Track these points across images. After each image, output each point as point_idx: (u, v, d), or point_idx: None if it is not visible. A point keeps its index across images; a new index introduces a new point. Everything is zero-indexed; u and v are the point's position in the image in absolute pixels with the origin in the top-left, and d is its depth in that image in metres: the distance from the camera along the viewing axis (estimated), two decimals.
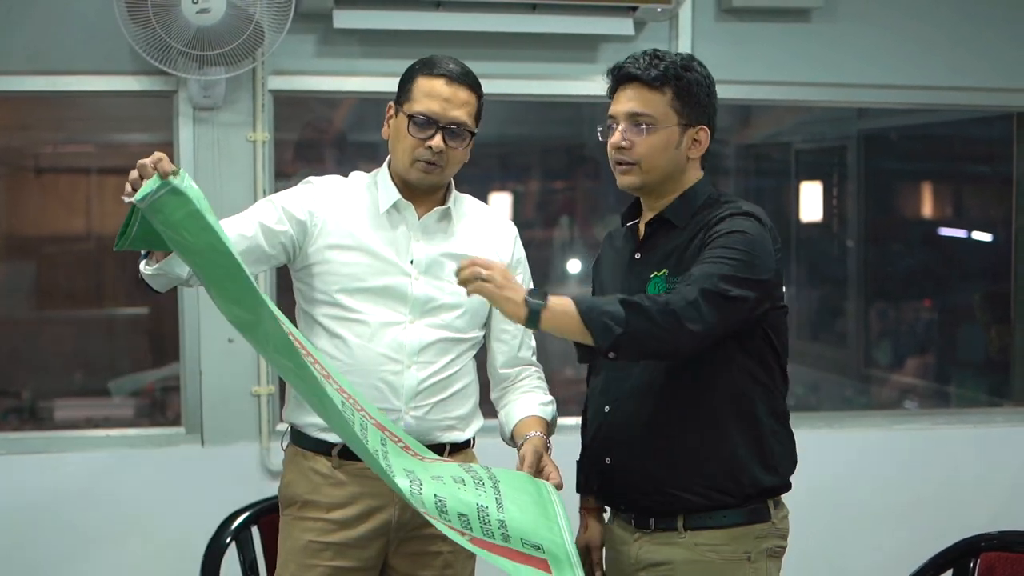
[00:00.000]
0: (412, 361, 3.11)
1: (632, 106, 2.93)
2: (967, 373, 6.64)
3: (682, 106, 2.92)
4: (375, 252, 3.11)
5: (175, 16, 4.05)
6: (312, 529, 3.12)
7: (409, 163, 3.11)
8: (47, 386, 6.60)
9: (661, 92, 2.91)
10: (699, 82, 2.94)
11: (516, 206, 7.66)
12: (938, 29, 5.00)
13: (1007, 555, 3.34)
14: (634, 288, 2.93)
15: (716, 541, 2.89)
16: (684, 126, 2.93)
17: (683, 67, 2.92)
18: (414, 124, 3.08)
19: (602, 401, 3.03)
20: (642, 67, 2.91)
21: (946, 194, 7.69)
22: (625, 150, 2.94)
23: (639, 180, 2.96)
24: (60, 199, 7.27)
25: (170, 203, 2.51)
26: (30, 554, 4.45)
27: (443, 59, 3.14)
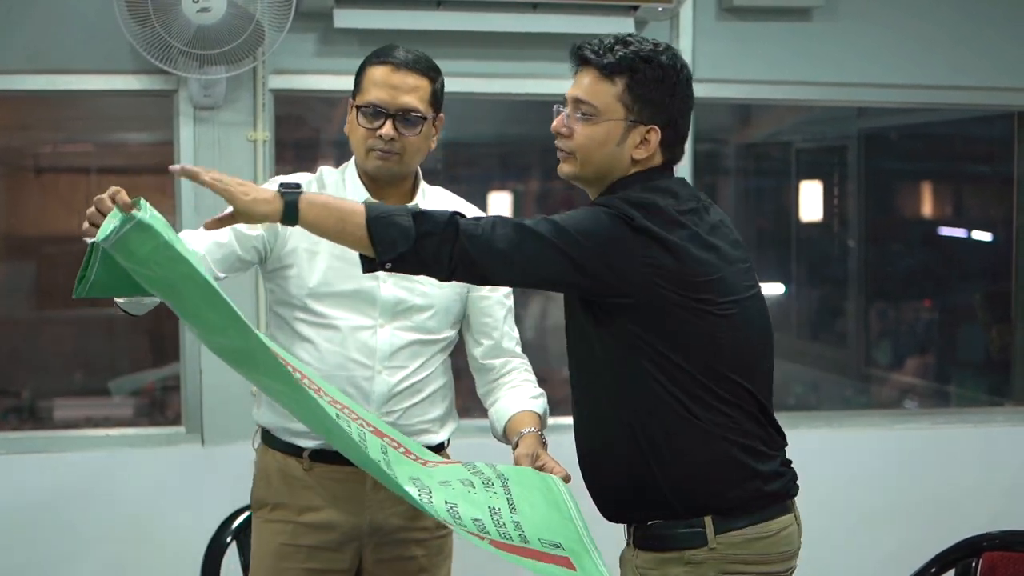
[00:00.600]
0: (383, 366, 3.06)
1: (578, 91, 2.69)
2: (967, 373, 6.64)
3: (632, 101, 2.65)
4: (343, 255, 2.98)
5: (175, 15, 4.05)
6: (284, 532, 3.08)
7: (364, 154, 3.05)
8: (47, 386, 6.60)
9: (611, 82, 2.65)
10: (659, 79, 2.66)
11: (516, 205, 7.66)
12: (939, 28, 5.00)
13: (1009, 555, 3.34)
14: None
15: (651, 565, 2.66)
16: (632, 122, 2.66)
17: (644, 59, 2.65)
18: (363, 114, 3.02)
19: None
20: (598, 51, 2.67)
21: (947, 194, 7.69)
22: (563, 137, 2.72)
23: (573, 171, 2.73)
24: (60, 199, 7.26)
25: (135, 239, 2.31)
26: (30, 554, 4.45)
27: (393, 47, 3.07)
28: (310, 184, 3.10)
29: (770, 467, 2.69)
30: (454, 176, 7.28)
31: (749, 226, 7.23)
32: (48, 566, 4.47)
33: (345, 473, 3.02)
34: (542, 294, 7.05)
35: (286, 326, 3.09)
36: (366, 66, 3.06)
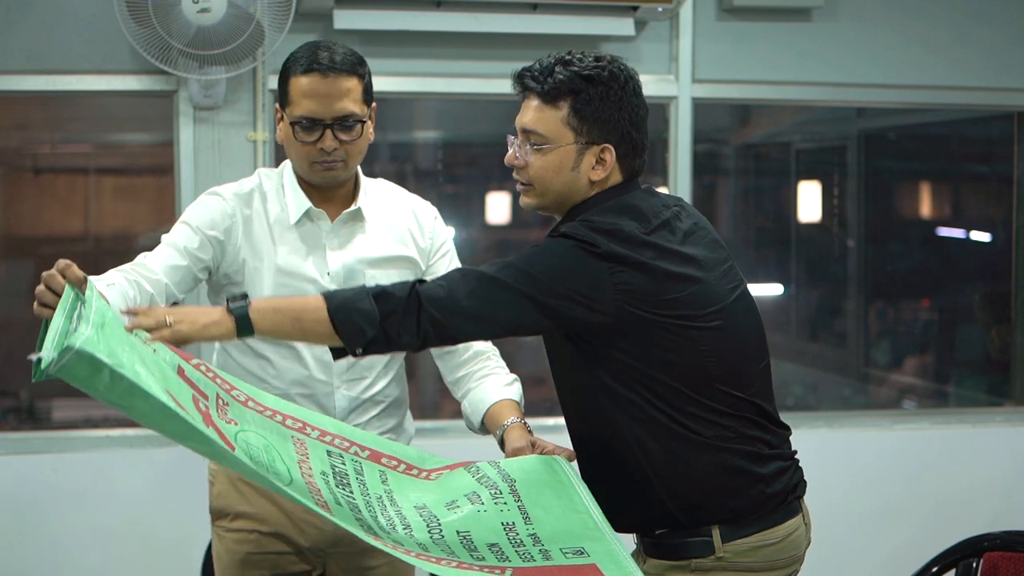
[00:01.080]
0: (341, 381, 3.00)
1: (525, 121, 2.63)
2: (966, 373, 6.64)
3: (580, 123, 2.59)
4: (291, 270, 2.94)
5: (175, 15, 4.05)
6: (248, 541, 3.02)
7: (308, 168, 2.93)
8: (45, 386, 6.58)
9: (556, 107, 2.59)
10: (603, 96, 2.59)
11: (514, 205, 7.66)
12: (938, 29, 5.00)
13: (1011, 555, 3.33)
14: None
15: (659, 571, 2.65)
16: (584, 144, 2.60)
17: (585, 78, 2.58)
18: (300, 129, 2.89)
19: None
20: (537, 77, 2.61)
21: (946, 194, 7.69)
22: (519, 169, 2.67)
23: (535, 202, 2.69)
24: (59, 199, 7.26)
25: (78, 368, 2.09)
26: (28, 554, 4.45)
27: (313, 49, 2.91)
28: (251, 194, 2.99)
29: (773, 467, 2.66)
30: (453, 176, 7.29)
31: (748, 226, 7.23)
32: (46, 566, 4.47)
33: None
34: None
35: (240, 343, 2.97)
36: (290, 75, 2.91)
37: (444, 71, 4.68)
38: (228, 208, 2.97)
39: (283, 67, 2.95)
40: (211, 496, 3.11)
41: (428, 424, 4.92)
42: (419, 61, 4.65)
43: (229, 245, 2.95)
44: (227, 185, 3.04)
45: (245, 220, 2.97)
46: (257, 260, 2.95)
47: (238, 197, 2.99)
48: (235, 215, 2.96)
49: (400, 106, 6.68)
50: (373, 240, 3.04)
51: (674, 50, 4.78)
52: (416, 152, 7.14)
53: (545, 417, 4.98)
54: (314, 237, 2.99)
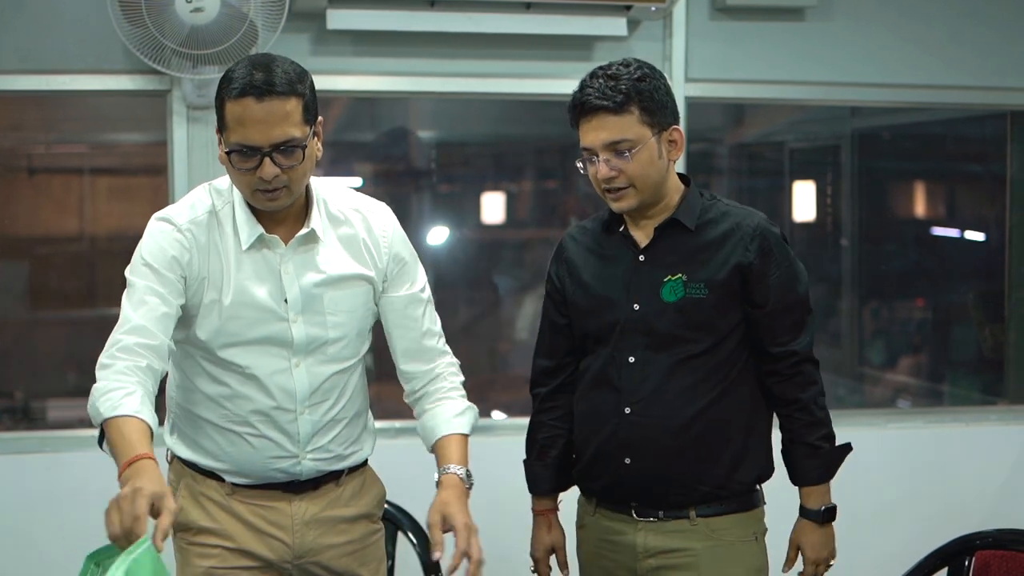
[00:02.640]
0: (304, 407, 2.89)
1: (607, 136, 2.94)
2: (960, 372, 6.66)
3: (649, 117, 2.94)
4: (247, 302, 2.82)
5: (169, 15, 4.05)
6: (212, 555, 2.94)
7: (250, 195, 2.77)
8: (41, 386, 6.60)
9: (628, 112, 2.93)
10: (657, 87, 2.96)
11: (509, 205, 7.67)
12: (932, 28, 5.00)
13: (1002, 553, 3.34)
14: (644, 290, 3.02)
15: (729, 525, 3.04)
16: (658, 133, 2.96)
17: (637, 79, 2.94)
18: (236, 157, 2.70)
19: (618, 402, 3.04)
20: (603, 95, 2.94)
21: (940, 193, 7.70)
22: (615, 179, 2.96)
23: (636, 201, 2.99)
24: (53, 199, 7.26)
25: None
26: (24, 554, 4.44)
27: (248, 69, 2.71)
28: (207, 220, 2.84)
29: None
30: (448, 176, 7.29)
31: None
32: (43, 566, 4.46)
33: (269, 499, 2.94)
34: (537, 293, 7.06)
35: (197, 366, 2.90)
36: (225, 99, 2.71)
37: (438, 71, 4.68)
38: (185, 242, 2.81)
39: (218, 87, 2.76)
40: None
41: None
42: (412, 60, 4.64)
43: (190, 281, 2.81)
44: (181, 208, 2.88)
45: (201, 251, 2.82)
46: (215, 292, 2.82)
47: (195, 226, 2.83)
48: (192, 248, 2.81)
49: (394, 106, 6.69)
50: (329, 260, 2.90)
51: (667, 49, 4.78)
52: (410, 152, 7.15)
53: None
54: (268, 263, 2.84)
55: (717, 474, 3.02)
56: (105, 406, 2.59)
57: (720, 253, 3.00)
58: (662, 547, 3.04)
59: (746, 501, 3.08)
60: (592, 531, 3.18)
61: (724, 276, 2.98)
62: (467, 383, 3.12)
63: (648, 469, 3.02)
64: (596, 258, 3.13)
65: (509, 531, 4.69)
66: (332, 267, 2.89)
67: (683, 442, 3.00)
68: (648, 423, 3.01)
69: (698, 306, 2.98)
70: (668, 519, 3.05)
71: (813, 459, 3.12)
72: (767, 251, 3.00)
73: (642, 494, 3.05)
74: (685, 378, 3.00)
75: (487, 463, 4.75)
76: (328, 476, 2.99)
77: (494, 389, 6.75)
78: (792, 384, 3.06)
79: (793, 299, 3.04)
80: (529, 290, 7.06)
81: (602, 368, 3.08)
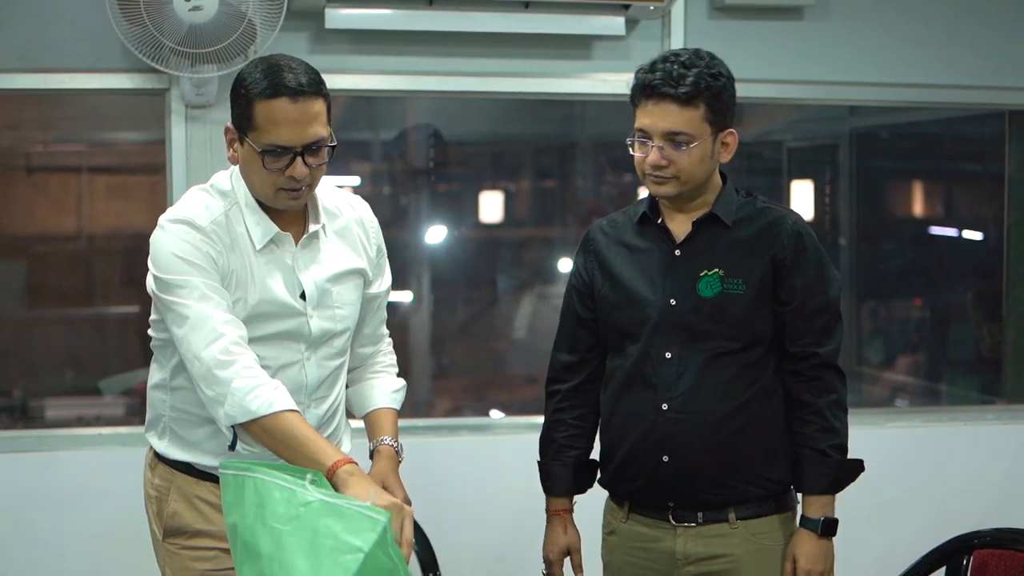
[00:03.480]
0: (311, 399, 2.94)
1: (667, 125, 2.92)
2: (958, 371, 6.66)
3: (713, 115, 2.94)
4: (270, 299, 2.85)
5: (167, 14, 4.05)
6: (206, 558, 2.94)
7: (272, 195, 2.80)
8: (38, 385, 6.60)
9: (695, 107, 2.91)
10: (726, 87, 2.96)
11: (507, 204, 7.67)
12: (930, 27, 5.00)
13: (1000, 552, 3.34)
14: (679, 285, 3.01)
15: (768, 528, 3.06)
16: (715, 133, 2.96)
17: (712, 76, 2.93)
18: (269, 157, 2.73)
19: (653, 399, 3.02)
20: (674, 83, 2.90)
21: (938, 192, 7.71)
22: (664, 168, 2.95)
23: (676, 190, 2.98)
24: (51, 198, 7.26)
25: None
26: (21, 553, 4.44)
27: (274, 70, 2.74)
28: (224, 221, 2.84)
29: None
30: (445, 175, 7.29)
31: None
32: (40, 565, 4.46)
33: None
34: (534, 295, 7.06)
35: None
36: (255, 99, 2.72)
37: (436, 70, 4.68)
38: (213, 243, 2.82)
39: (240, 88, 2.76)
40: (163, 515, 2.99)
41: (420, 423, 4.93)
42: (411, 59, 4.63)
43: (223, 281, 2.83)
44: (195, 210, 2.85)
45: (226, 250, 2.83)
46: (240, 291, 2.84)
47: (217, 227, 2.83)
48: (220, 249, 2.82)
49: (392, 104, 6.69)
50: (333, 256, 2.96)
51: (665, 49, 4.76)
52: (408, 150, 7.15)
53: (537, 416, 4.99)
54: (280, 260, 2.88)
55: (754, 471, 3.02)
56: (257, 403, 2.65)
57: (756, 249, 3.00)
58: (703, 553, 3.02)
59: (782, 502, 3.10)
60: (624, 537, 3.14)
61: (761, 273, 2.98)
62: (465, 382, 3.15)
63: (687, 467, 3.00)
64: (627, 251, 3.11)
65: (506, 530, 4.70)
66: (336, 261, 2.95)
67: (721, 438, 2.99)
68: (687, 419, 2.99)
69: (735, 302, 2.98)
70: (707, 523, 3.02)
71: (821, 467, 3.08)
72: (801, 249, 3.00)
73: (680, 494, 3.02)
74: (721, 374, 2.99)
75: (485, 462, 4.78)
76: None
77: (492, 388, 6.75)
78: (809, 387, 3.06)
79: (822, 302, 3.06)
80: (527, 289, 7.07)
81: (636, 365, 3.05)
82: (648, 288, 3.03)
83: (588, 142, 7.27)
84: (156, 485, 3.00)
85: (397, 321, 3.44)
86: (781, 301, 3.02)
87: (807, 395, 3.05)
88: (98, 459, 4.55)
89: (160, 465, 3.01)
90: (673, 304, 3.00)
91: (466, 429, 4.95)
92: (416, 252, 6.95)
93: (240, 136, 2.79)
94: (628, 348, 3.06)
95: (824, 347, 3.07)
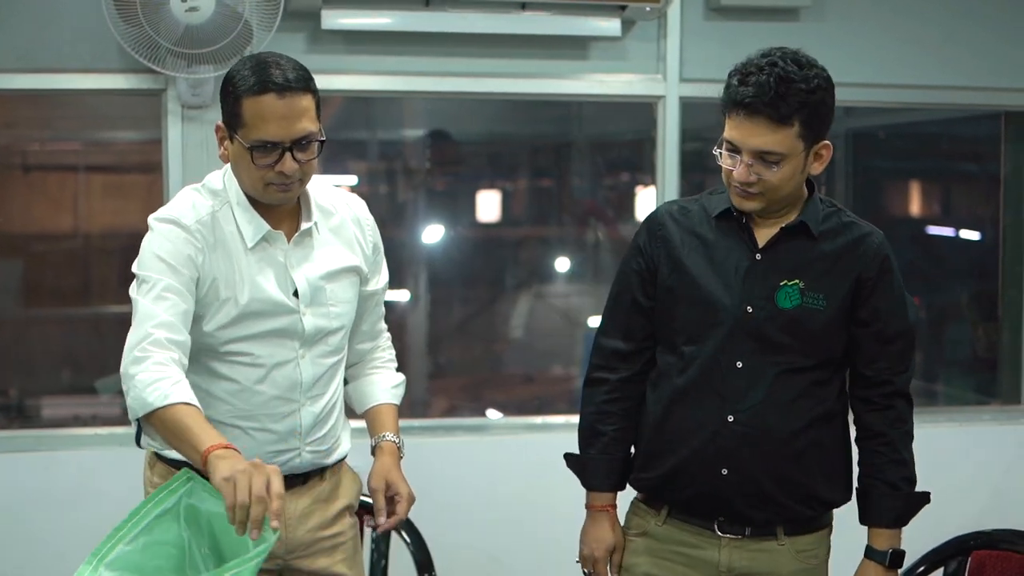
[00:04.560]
0: (306, 398, 2.94)
1: (759, 144, 2.76)
2: (954, 371, 6.66)
3: (808, 131, 2.78)
4: (262, 298, 2.86)
5: (164, 14, 4.05)
6: None
7: (261, 190, 2.81)
8: (35, 384, 6.60)
9: (789, 125, 2.75)
10: (823, 101, 2.80)
11: (504, 204, 7.66)
12: (927, 28, 5.01)
13: (997, 553, 3.34)
14: (757, 292, 2.89)
15: (812, 545, 3.03)
16: (809, 147, 2.81)
17: (809, 91, 2.76)
18: (258, 153, 2.74)
19: (720, 408, 2.92)
20: (769, 102, 2.73)
21: (934, 193, 7.71)
22: (752, 184, 2.81)
23: (761, 205, 2.85)
24: (48, 197, 7.26)
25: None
26: (18, 553, 4.44)
27: (262, 66, 2.75)
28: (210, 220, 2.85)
29: None
30: (442, 174, 7.29)
31: None
32: (37, 565, 4.46)
33: None
34: (531, 295, 7.06)
35: (198, 366, 2.88)
36: (242, 95, 2.73)
37: (433, 70, 4.68)
38: (196, 242, 2.83)
39: (229, 86, 2.78)
40: None
41: (416, 423, 4.93)
42: (407, 60, 4.64)
43: (202, 280, 2.83)
44: (183, 209, 2.87)
45: (210, 250, 2.84)
46: (228, 290, 2.84)
47: (202, 226, 2.84)
48: (203, 248, 2.83)
49: (388, 104, 6.68)
50: (326, 252, 2.97)
51: (662, 49, 4.78)
52: (405, 150, 7.15)
53: (534, 416, 5.00)
54: (272, 258, 2.89)
55: (809, 493, 2.96)
56: (154, 395, 2.62)
57: (841, 266, 2.90)
58: (748, 569, 2.96)
59: (825, 518, 3.07)
60: (661, 540, 3.03)
61: (843, 291, 2.89)
62: (462, 382, 3.16)
63: (747, 483, 2.91)
64: (701, 244, 2.96)
65: (502, 531, 4.71)
66: (330, 259, 2.96)
67: (785, 456, 2.91)
68: (753, 434, 2.89)
69: (814, 317, 2.88)
70: (755, 537, 2.96)
71: (891, 500, 3.01)
72: (887, 270, 2.91)
73: (733, 508, 2.94)
74: (790, 390, 2.90)
75: (481, 463, 4.78)
76: (315, 470, 3.02)
77: (489, 388, 6.75)
78: (882, 416, 2.97)
79: (902, 327, 2.94)
80: (524, 289, 7.06)
81: (702, 371, 2.93)
82: (723, 290, 2.90)
83: (585, 142, 7.28)
84: (156, 484, 3.01)
85: (394, 320, 3.44)
86: (861, 322, 2.91)
87: (879, 424, 2.96)
88: (96, 459, 4.55)
89: (159, 463, 3.03)
90: (750, 311, 2.88)
91: (463, 430, 4.95)
92: (413, 251, 6.96)
93: (230, 133, 2.80)
94: (685, 348, 2.95)
95: (900, 375, 2.96)
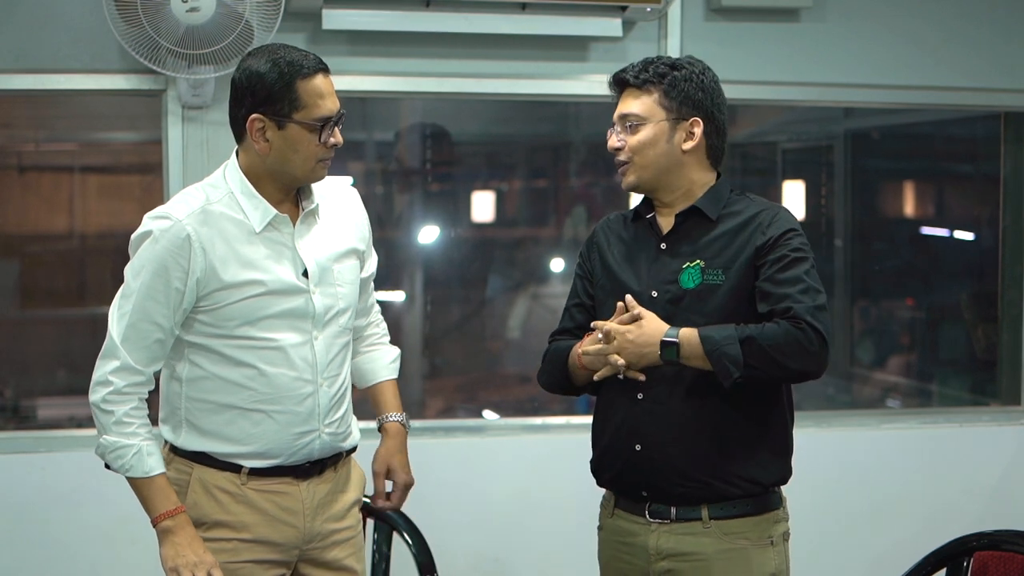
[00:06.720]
0: (323, 379, 3.02)
1: (622, 108, 3.07)
2: (950, 372, 6.67)
3: (669, 102, 3.02)
4: (269, 280, 2.94)
5: (165, 15, 4.04)
6: (225, 550, 2.98)
7: (311, 168, 2.95)
8: (31, 385, 6.59)
9: (648, 92, 3.03)
10: (687, 78, 3.03)
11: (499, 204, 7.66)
12: (926, 28, 5.01)
13: (1000, 554, 3.34)
14: (662, 276, 3.03)
15: (743, 528, 3.02)
16: (674, 120, 3.03)
17: (671, 66, 3.04)
18: (323, 130, 2.91)
19: (633, 388, 3.02)
20: (631, 72, 3.06)
21: (932, 193, 7.72)
22: (619, 151, 3.06)
23: (635, 178, 3.06)
24: (43, 197, 7.25)
25: None
26: (16, 554, 4.43)
27: (286, 50, 2.93)
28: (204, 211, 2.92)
29: None
30: (439, 175, 7.29)
31: None
32: (35, 566, 4.45)
33: (281, 484, 3.02)
34: (527, 295, 7.06)
35: (213, 354, 2.96)
36: (295, 81, 2.88)
37: (433, 71, 4.67)
38: (184, 234, 2.88)
39: (274, 78, 2.87)
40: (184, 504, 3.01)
41: (414, 424, 4.89)
42: (408, 60, 4.63)
43: (201, 275, 2.90)
44: (174, 204, 2.95)
45: (205, 241, 2.90)
46: (235, 277, 2.91)
47: (193, 217, 2.90)
48: (195, 239, 2.89)
49: (386, 104, 6.68)
50: (331, 235, 3.08)
51: (662, 50, 4.77)
52: (402, 150, 7.15)
53: (532, 417, 4.99)
54: (279, 242, 2.97)
55: (728, 469, 2.99)
56: (117, 463, 2.94)
57: (738, 239, 2.99)
58: (673, 550, 3.02)
59: (762, 504, 3.05)
60: (610, 533, 3.17)
61: (742, 261, 2.97)
62: (458, 382, 3.20)
63: (658, 458, 3.00)
64: (622, 244, 3.16)
65: (502, 531, 4.70)
66: (335, 243, 3.07)
67: (694, 431, 2.98)
68: (659, 410, 3.00)
69: (715, 291, 2.97)
70: (681, 520, 3.03)
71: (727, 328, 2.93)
72: (783, 233, 2.95)
73: (653, 484, 3.03)
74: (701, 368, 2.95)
75: (479, 463, 4.78)
76: (330, 459, 3.09)
77: (485, 388, 6.75)
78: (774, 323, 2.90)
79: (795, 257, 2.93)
80: (520, 289, 7.06)
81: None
82: (633, 279, 3.08)
83: (582, 142, 7.28)
84: (172, 479, 3.02)
85: (390, 320, 3.47)
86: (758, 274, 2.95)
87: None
88: (93, 460, 4.51)
89: (176, 459, 3.06)
90: (655, 296, 3.02)
91: (460, 430, 4.95)
92: (409, 252, 6.96)
93: (280, 121, 2.90)
94: None
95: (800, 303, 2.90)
